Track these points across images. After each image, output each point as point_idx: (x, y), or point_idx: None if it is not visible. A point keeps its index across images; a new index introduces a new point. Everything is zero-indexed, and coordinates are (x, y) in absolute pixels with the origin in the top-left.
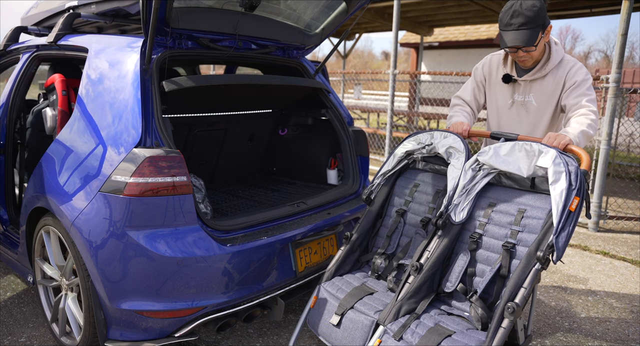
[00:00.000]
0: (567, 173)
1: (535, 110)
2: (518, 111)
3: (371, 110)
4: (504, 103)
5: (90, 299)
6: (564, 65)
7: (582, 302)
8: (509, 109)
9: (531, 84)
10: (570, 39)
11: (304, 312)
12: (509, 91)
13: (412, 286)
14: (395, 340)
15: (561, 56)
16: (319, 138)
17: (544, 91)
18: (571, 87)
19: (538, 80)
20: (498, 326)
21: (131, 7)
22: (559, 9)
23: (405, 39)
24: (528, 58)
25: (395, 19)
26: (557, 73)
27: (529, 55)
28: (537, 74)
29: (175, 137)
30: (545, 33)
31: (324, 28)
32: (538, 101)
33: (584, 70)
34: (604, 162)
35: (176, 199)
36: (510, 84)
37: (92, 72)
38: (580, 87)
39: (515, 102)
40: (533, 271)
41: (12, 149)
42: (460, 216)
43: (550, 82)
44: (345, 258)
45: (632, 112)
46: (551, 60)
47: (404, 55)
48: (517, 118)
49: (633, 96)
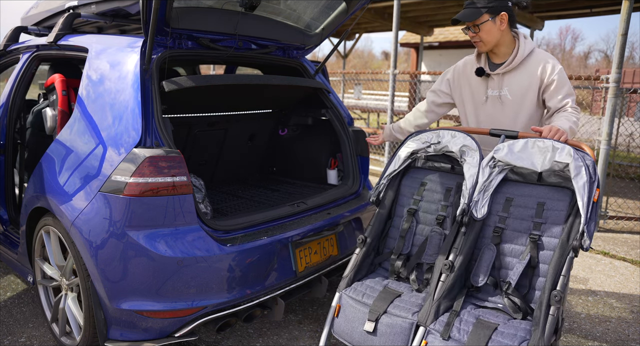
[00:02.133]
0: (586, 167)
1: (512, 103)
2: (494, 106)
3: (371, 110)
4: (479, 98)
5: (90, 299)
6: (536, 59)
7: (582, 302)
8: (483, 104)
9: (503, 78)
10: (570, 39)
11: (328, 322)
12: (483, 86)
13: (447, 284)
14: (443, 339)
15: (531, 48)
16: (319, 138)
17: (518, 84)
18: (552, 85)
19: (510, 74)
20: (547, 314)
21: (131, 7)
22: (559, 9)
23: (405, 39)
24: (478, 41)
25: (395, 19)
26: (529, 66)
27: (478, 37)
28: (508, 67)
29: (175, 137)
30: (498, 19)
31: (324, 28)
32: (513, 94)
33: (559, 66)
34: (604, 162)
35: (176, 199)
36: (484, 79)
37: (92, 73)
38: (563, 86)
39: (489, 97)
40: (568, 260)
41: (12, 149)
42: (482, 212)
43: (523, 74)
44: (362, 262)
45: (632, 112)
46: (519, 52)
47: (404, 55)
48: (493, 112)
49: (633, 96)
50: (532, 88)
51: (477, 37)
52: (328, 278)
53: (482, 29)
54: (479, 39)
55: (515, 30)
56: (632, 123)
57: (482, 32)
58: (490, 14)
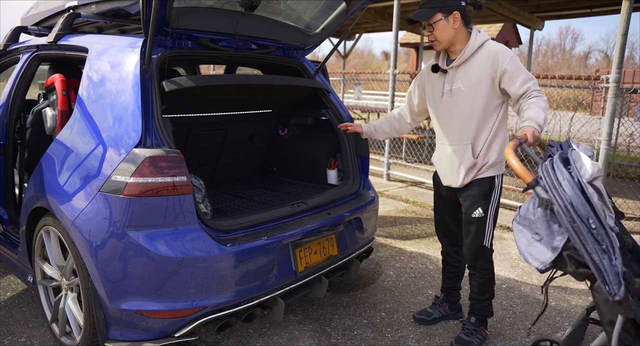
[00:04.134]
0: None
1: (465, 95)
2: (448, 101)
3: (371, 110)
4: (437, 94)
5: (90, 299)
6: (487, 51)
7: (582, 302)
8: (440, 100)
9: (457, 71)
10: (570, 39)
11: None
12: (441, 83)
13: None
14: None
15: (482, 41)
16: (319, 138)
17: (470, 76)
18: (505, 74)
19: (463, 66)
20: None
21: (131, 7)
22: (559, 9)
23: (405, 39)
24: (433, 40)
25: (395, 19)
26: (480, 58)
27: (433, 35)
28: (460, 59)
29: (175, 137)
30: (451, 18)
31: (324, 28)
32: (466, 86)
33: (510, 54)
34: (604, 162)
35: (176, 199)
36: (441, 76)
37: (92, 74)
38: (518, 73)
39: (445, 92)
40: None
41: (12, 149)
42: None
43: (474, 66)
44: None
45: (632, 112)
46: (469, 45)
47: (404, 55)
48: (449, 106)
49: (633, 96)
50: (484, 79)
51: (432, 36)
52: (328, 278)
53: (436, 28)
54: (434, 38)
55: (471, 27)
56: (632, 123)
57: (436, 30)
58: (444, 13)
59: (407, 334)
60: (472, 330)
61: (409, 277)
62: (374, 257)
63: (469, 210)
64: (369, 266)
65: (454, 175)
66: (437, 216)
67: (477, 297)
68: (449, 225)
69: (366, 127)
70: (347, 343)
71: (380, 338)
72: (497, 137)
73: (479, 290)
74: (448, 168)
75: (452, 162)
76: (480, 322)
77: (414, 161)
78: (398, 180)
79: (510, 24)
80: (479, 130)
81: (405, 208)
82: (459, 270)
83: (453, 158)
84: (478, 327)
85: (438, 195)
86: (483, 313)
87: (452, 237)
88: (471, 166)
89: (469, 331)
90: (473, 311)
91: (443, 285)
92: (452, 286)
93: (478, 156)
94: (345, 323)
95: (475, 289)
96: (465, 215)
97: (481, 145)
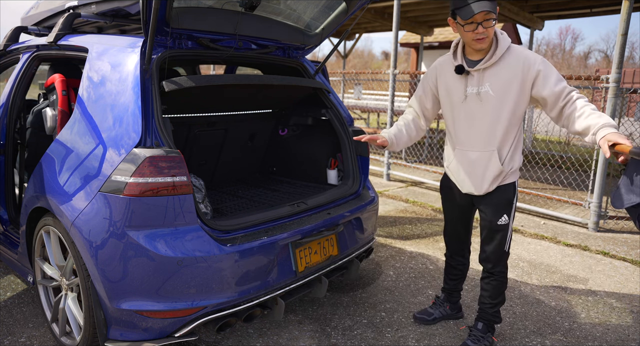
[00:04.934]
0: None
1: (494, 100)
2: (473, 104)
3: (371, 110)
4: (458, 97)
5: (90, 299)
6: (516, 53)
7: (582, 302)
8: (462, 103)
9: (484, 74)
10: (570, 39)
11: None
12: (462, 85)
13: None
14: None
15: (508, 43)
16: (319, 138)
17: (499, 78)
18: (539, 76)
19: (491, 69)
20: None
21: (131, 7)
22: (559, 9)
23: (405, 39)
24: (485, 37)
25: (395, 19)
26: (509, 60)
27: (487, 31)
28: (490, 61)
29: (175, 137)
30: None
31: (324, 28)
32: (495, 90)
33: (539, 57)
34: (604, 162)
35: (176, 199)
36: (462, 78)
37: (92, 74)
38: (551, 73)
39: (469, 95)
40: None
41: (12, 149)
42: None
43: (504, 69)
44: None
45: (632, 112)
46: (499, 45)
47: (404, 55)
48: (473, 110)
49: (633, 96)
50: (514, 83)
51: (486, 32)
52: (328, 278)
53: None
54: (487, 35)
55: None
56: (632, 123)
57: (491, 26)
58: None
59: (407, 334)
60: (479, 337)
61: (409, 277)
62: (374, 257)
63: (494, 218)
64: (369, 266)
65: (478, 183)
66: (449, 223)
67: (490, 302)
68: (459, 231)
69: (389, 138)
70: (347, 343)
71: (380, 338)
72: (520, 143)
73: (492, 294)
74: (471, 175)
75: (476, 169)
76: (488, 329)
77: (414, 161)
78: (398, 180)
79: (510, 24)
80: (505, 136)
81: (405, 208)
82: (462, 272)
83: (477, 165)
84: (485, 334)
85: (451, 202)
86: (492, 319)
87: (461, 241)
88: (498, 174)
89: (476, 338)
90: (481, 317)
91: (444, 286)
92: (455, 287)
93: (504, 163)
94: (345, 323)
95: (488, 293)
96: (490, 223)
97: (506, 151)
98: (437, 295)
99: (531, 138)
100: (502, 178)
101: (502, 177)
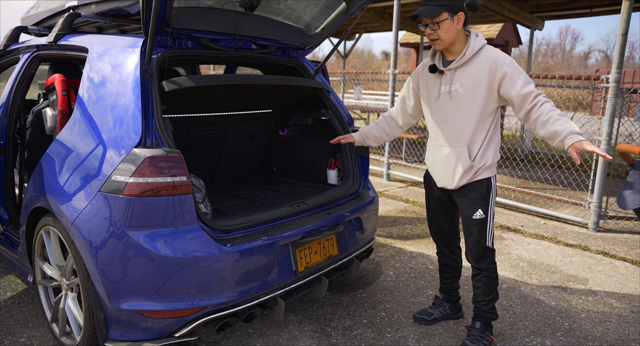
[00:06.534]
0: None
1: (464, 98)
2: (445, 102)
3: (371, 110)
4: (433, 95)
5: (90, 299)
6: (486, 55)
7: (582, 302)
8: (436, 101)
9: (455, 73)
10: (570, 39)
11: None
12: (437, 84)
13: None
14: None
15: (481, 44)
16: (319, 138)
17: (469, 78)
18: (506, 78)
19: (462, 68)
20: None
21: (131, 7)
22: (559, 9)
23: (405, 39)
24: (435, 38)
25: (395, 19)
26: (478, 61)
27: (435, 34)
28: (460, 61)
29: (175, 137)
30: (456, 19)
31: (324, 28)
32: (465, 88)
33: (508, 59)
34: (604, 162)
35: (176, 199)
36: (437, 77)
37: (93, 75)
38: (518, 76)
39: (442, 93)
40: None
41: (12, 149)
42: None
43: (473, 69)
44: None
45: (632, 112)
46: (469, 47)
47: (404, 55)
48: (445, 108)
49: (633, 96)
50: (482, 83)
51: (435, 35)
52: (328, 278)
53: (441, 27)
54: (437, 37)
55: (468, 29)
56: (632, 123)
57: (441, 30)
58: (449, 13)
59: (407, 334)
60: (477, 336)
61: (409, 277)
62: (374, 257)
63: (469, 212)
64: (369, 266)
65: (449, 177)
66: (431, 216)
67: (483, 298)
68: (442, 226)
69: (357, 136)
70: (347, 343)
71: (380, 338)
72: (493, 140)
73: (484, 291)
74: (443, 170)
75: (448, 163)
76: (486, 327)
77: (414, 161)
78: (398, 180)
79: (510, 24)
80: (475, 132)
81: (405, 208)
82: (455, 269)
83: (449, 160)
84: (483, 333)
85: (431, 196)
86: (488, 316)
87: (446, 237)
88: (468, 168)
89: (475, 338)
90: (478, 316)
91: (441, 285)
92: (451, 286)
93: (475, 159)
94: (345, 323)
95: (480, 291)
96: (465, 218)
97: (477, 147)
98: (437, 295)
99: (531, 139)
100: (474, 174)
101: (473, 172)
